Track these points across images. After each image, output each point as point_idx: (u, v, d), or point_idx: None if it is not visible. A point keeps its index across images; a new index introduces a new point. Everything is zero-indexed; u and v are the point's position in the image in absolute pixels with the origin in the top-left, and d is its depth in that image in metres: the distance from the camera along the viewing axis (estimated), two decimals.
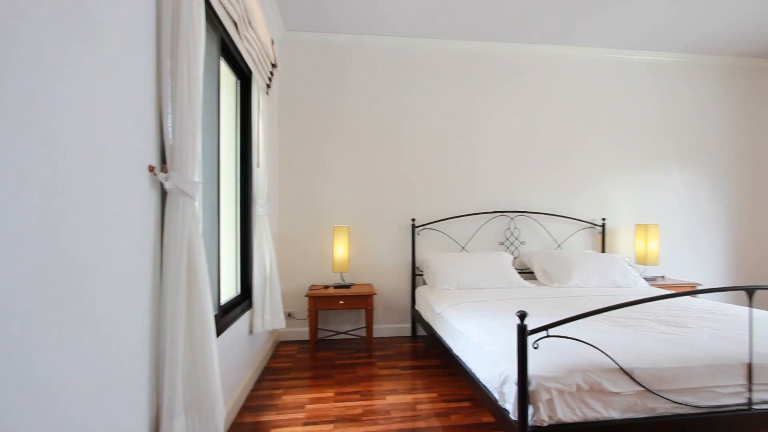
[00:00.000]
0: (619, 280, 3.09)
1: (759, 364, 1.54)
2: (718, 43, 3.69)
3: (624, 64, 3.89)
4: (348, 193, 3.52)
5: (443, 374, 2.67)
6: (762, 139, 4.14)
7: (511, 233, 3.64)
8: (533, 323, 1.47)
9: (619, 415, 1.45)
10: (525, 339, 1.37)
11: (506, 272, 3.11)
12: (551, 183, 3.76)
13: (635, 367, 1.45)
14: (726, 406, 1.52)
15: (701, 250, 4.01)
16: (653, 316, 2.05)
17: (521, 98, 3.73)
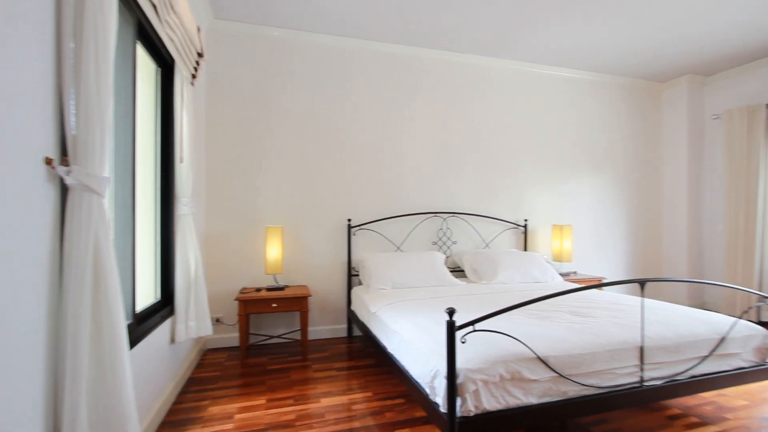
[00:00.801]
0: (538, 276, 3.37)
1: (649, 346, 1.77)
2: (619, 65, 4.17)
3: (543, 79, 4.24)
4: (282, 193, 3.42)
5: (378, 373, 2.69)
6: (653, 150, 4.77)
7: (444, 233, 3.79)
8: (462, 319, 1.55)
9: (537, 400, 1.58)
10: (453, 335, 1.44)
11: (439, 271, 3.23)
12: (480, 186, 3.98)
13: (550, 355, 1.59)
14: (623, 385, 1.73)
15: (606, 248, 4.51)
16: (566, 308, 2.26)
17: (453, 104, 3.90)
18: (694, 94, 4.57)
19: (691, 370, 1.86)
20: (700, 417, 2.09)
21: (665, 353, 1.80)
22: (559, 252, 3.89)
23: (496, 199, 4.03)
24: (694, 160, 4.57)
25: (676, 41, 3.63)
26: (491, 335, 1.63)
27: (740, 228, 4.07)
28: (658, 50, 3.83)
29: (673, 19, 3.24)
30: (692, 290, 4.52)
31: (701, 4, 3.01)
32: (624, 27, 3.36)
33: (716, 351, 1.91)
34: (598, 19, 3.22)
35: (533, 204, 4.18)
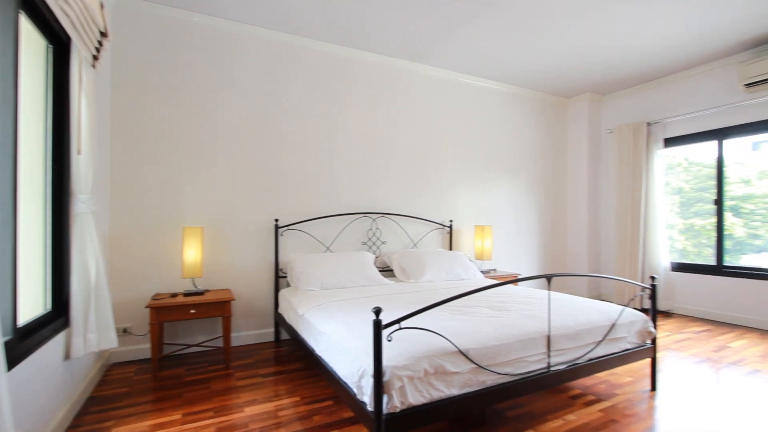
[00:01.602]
0: (462, 273, 3.56)
1: (554, 335, 1.96)
2: (531, 80, 4.58)
3: (464, 87, 4.50)
4: (202, 191, 3.19)
5: (307, 376, 2.64)
6: (559, 158, 5.31)
7: (374, 234, 3.84)
8: (390, 317, 1.58)
9: (458, 391, 1.66)
10: (380, 333, 1.45)
11: (368, 271, 3.25)
12: (409, 188, 4.09)
13: (470, 348, 1.69)
14: (533, 371, 1.89)
15: (521, 246, 4.92)
16: (485, 303, 2.42)
17: (383, 105, 3.96)
18: (593, 110, 5.18)
19: (588, 354, 2.10)
20: (596, 395, 2.37)
21: (568, 340, 2.01)
22: (481, 251, 4.15)
23: (423, 200, 4.17)
24: (592, 168, 5.17)
25: (577, 63, 4.08)
26: (417, 332, 1.68)
27: (628, 229, 4.70)
28: (563, 69, 4.27)
29: (573, 44, 3.63)
30: (591, 283, 5.12)
31: (597, 34, 3.42)
32: (531, 46, 3.69)
33: (608, 336, 2.18)
34: (505, 36, 3.49)
35: (458, 205, 4.41)
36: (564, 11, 3.10)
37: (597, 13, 3.12)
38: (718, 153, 4.23)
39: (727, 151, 4.20)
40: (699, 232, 4.51)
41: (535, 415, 2.11)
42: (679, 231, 4.71)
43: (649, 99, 4.72)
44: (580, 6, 3.02)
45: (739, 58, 3.92)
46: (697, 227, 4.54)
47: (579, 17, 3.19)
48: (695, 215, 4.56)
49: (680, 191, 4.71)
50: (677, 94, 4.45)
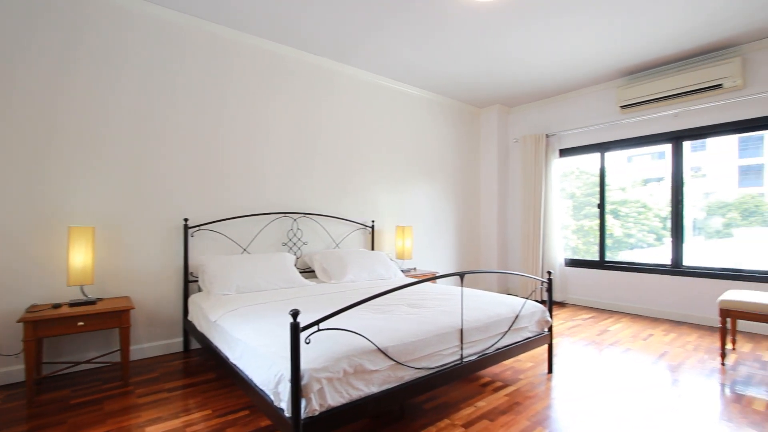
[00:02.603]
0: (383, 273, 3.63)
1: (467, 328, 2.09)
2: (448, 88, 4.85)
3: (388, 90, 4.61)
4: (95, 186, 2.80)
5: (221, 387, 2.47)
6: (473, 163, 5.70)
7: (294, 234, 3.73)
8: (310, 319, 1.55)
9: (378, 389, 1.69)
10: (298, 336, 1.42)
11: (289, 272, 3.16)
12: (331, 187, 4.06)
13: (389, 345, 1.73)
14: (448, 363, 2.00)
15: (439, 246, 5.18)
16: (404, 301, 2.49)
17: (306, 105, 3.88)
18: (502, 120, 5.65)
19: (496, 344, 2.28)
20: (503, 381, 2.58)
21: (478, 332, 2.16)
22: (402, 250, 4.27)
23: (346, 200, 4.17)
24: (502, 173, 5.64)
25: (489, 76, 4.42)
26: (336, 333, 1.67)
27: (530, 229, 5.20)
28: (477, 80, 4.59)
29: (486, 58, 3.93)
30: (500, 279, 5.57)
31: (506, 52, 3.74)
32: (448, 56, 3.91)
33: (513, 326, 2.39)
34: (422, 44, 3.67)
35: (380, 206, 4.49)
36: (478, 27, 3.33)
37: (506, 32, 3.41)
38: (600, 164, 4.89)
39: (608, 162, 4.88)
40: (587, 232, 5.17)
41: (450, 405, 2.23)
42: (572, 231, 5.36)
43: (548, 113, 5.28)
44: (492, 24, 3.28)
45: (617, 83, 4.58)
46: (586, 228, 5.20)
47: (491, 35, 3.45)
48: (584, 217, 5.22)
49: (573, 196, 5.36)
50: (570, 110, 5.05)
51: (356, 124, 4.28)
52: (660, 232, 4.61)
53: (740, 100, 3.75)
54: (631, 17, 3.20)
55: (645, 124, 4.41)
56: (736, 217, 4.71)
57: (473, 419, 2.07)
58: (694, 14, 3.17)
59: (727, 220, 4.80)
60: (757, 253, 3.78)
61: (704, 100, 3.95)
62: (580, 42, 3.63)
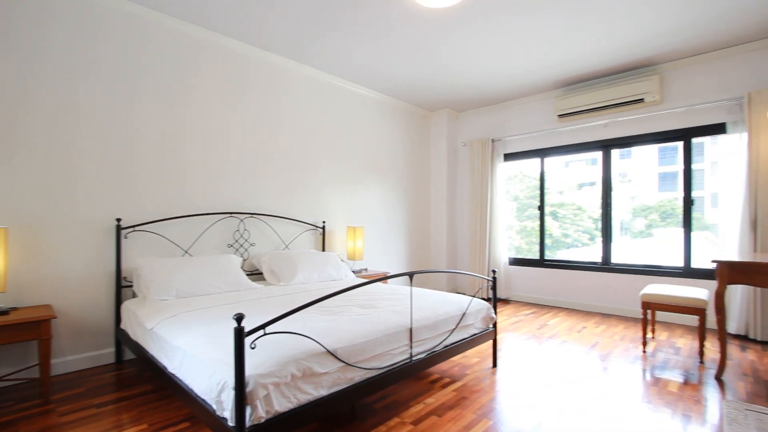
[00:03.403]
0: (334, 274, 3.59)
1: (416, 327, 2.13)
2: (400, 92, 4.92)
3: (340, 90, 4.58)
4: (7, 183, 2.51)
5: (158, 399, 2.31)
6: (424, 165, 5.82)
7: (241, 235, 3.59)
8: (256, 323, 1.49)
9: (327, 392, 1.67)
10: (242, 341, 1.36)
11: (234, 275, 3.03)
12: (281, 187, 3.95)
13: (338, 347, 1.71)
14: (397, 362, 2.02)
15: (391, 246, 5.23)
16: (355, 302, 2.49)
17: (255, 102, 3.75)
18: (452, 124, 5.83)
19: (444, 342, 2.34)
20: (451, 377, 2.66)
21: (427, 331, 2.21)
22: (353, 251, 4.26)
23: (296, 200, 4.09)
24: (451, 175, 5.82)
25: (440, 81, 4.54)
26: (283, 336, 1.63)
27: (477, 229, 5.41)
28: (427, 85, 4.70)
29: (437, 63, 4.03)
30: (449, 278, 5.73)
31: (456, 58, 3.86)
32: (400, 59, 3.97)
33: (460, 324, 2.46)
34: (373, 46, 3.70)
35: (331, 206, 4.44)
36: (427, 33, 3.40)
37: (454, 40, 3.52)
38: (540, 168, 5.21)
39: (548, 167, 5.21)
40: (530, 232, 5.48)
41: (400, 403, 2.25)
42: (516, 231, 5.66)
43: (494, 119, 5.53)
44: (440, 31, 3.37)
45: (555, 94, 4.90)
46: (528, 228, 5.51)
47: (439, 42, 3.54)
48: (527, 218, 5.53)
49: (517, 198, 5.66)
50: (514, 117, 5.33)
51: (308, 123, 4.21)
52: (593, 232, 4.99)
53: (658, 114, 4.16)
54: (566, 34, 3.43)
55: (579, 132, 4.76)
56: (657, 218, 5.22)
57: (422, 416, 2.11)
58: (620, 35, 3.47)
59: (649, 222, 5.31)
60: (673, 250, 4.22)
61: (629, 112, 4.34)
62: (521, 54, 3.84)
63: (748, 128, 3.49)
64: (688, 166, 4.08)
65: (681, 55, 3.91)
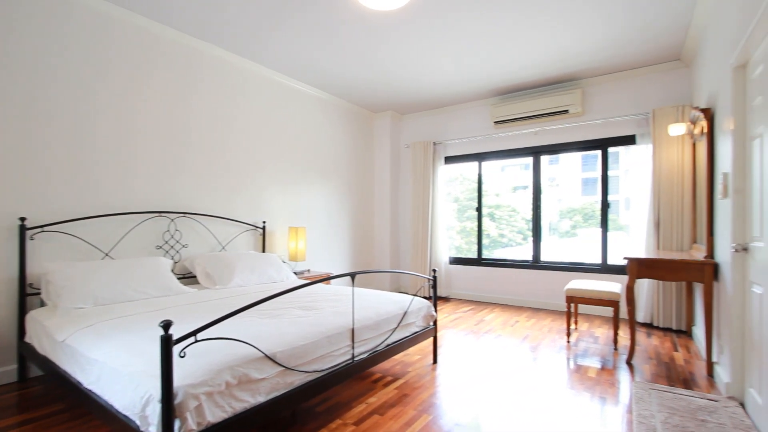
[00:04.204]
0: (274, 275, 3.48)
1: (358, 327, 2.12)
2: (345, 91, 4.90)
3: (285, 88, 4.45)
4: None
5: (71, 419, 2.07)
6: (367, 166, 5.85)
7: (172, 236, 3.34)
8: (188, 330, 1.39)
9: (265, 398, 1.60)
10: (170, 350, 1.26)
11: (163, 279, 2.80)
12: (218, 186, 3.74)
13: (277, 351, 1.65)
14: (339, 364, 2.00)
15: (334, 247, 5.18)
16: (296, 303, 2.42)
17: (191, 97, 3.51)
18: (395, 126, 5.92)
19: (386, 341, 2.36)
20: (392, 375, 2.69)
21: (369, 330, 2.21)
22: (295, 252, 4.16)
23: (234, 199, 3.89)
24: (394, 176, 5.90)
25: (384, 83, 4.59)
26: (218, 343, 1.54)
27: (419, 230, 5.55)
28: (372, 86, 4.72)
29: (382, 65, 4.07)
30: (392, 278, 5.81)
31: (399, 61, 3.93)
32: (346, 59, 3.95)
33: (402, 322, 2.50)
34: (320, 44, 3.66)
35: (272, 206, 4.30)
36: (372, 35, 3.42)
37: (399, 44, 3.57)
38: (478, 172, 5.46)
39: (485, 170, 5.48)
40: (469, 232, 5.72)
41: (342, 405, 2.23)
42: (457, 231, 5.88)
43: (435, 123, 5.71)
44: (385, 34, 3.40)
45: (491, 101, 5.17)
46: (468, 229, 5.75)
47: (384, 44, 3.58)
48: (467, 219, 5.77)
49: (457, 200, 5.88)
50: (454, 121, 5.54)
51: (249, 120, 4.03)
52: (526, 232, 5.34)
53: (581, 124, 4.56)
54: (500, 47, 3.64)
55: (513, 138, 5.07)
56: (580, 220, 5.71)
57: (364, 416, 2.11)
58: (546, 51, 3.75)
59: (574, 223, 5.80)
60: (593, 249, 4.64)
61: (556, 122, 4.71)
62: (460, 62, 4.00)
63: (653, 141, 3.94)
64: (605, 173, 4.51)
65: (599, 72, 4.32)
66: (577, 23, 3.28)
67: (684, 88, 3.99)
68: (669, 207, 3.85)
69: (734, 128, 2.23)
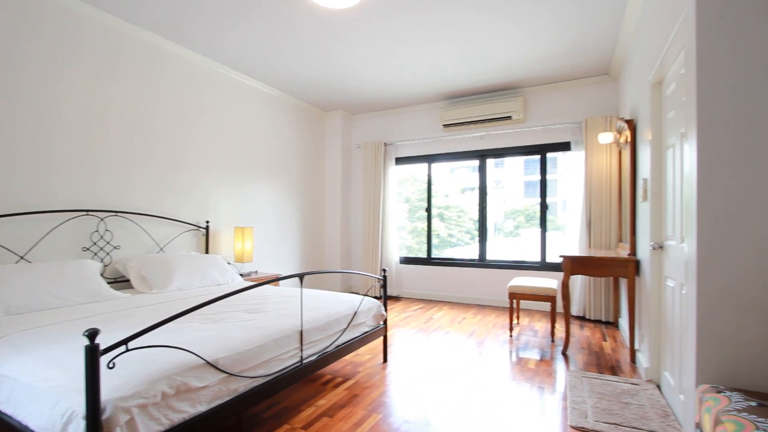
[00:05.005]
0: (219, 278, 3.31)
1: (306, 329, 2.08)
2: (295, 89, 4.79)
3: (233, 83, 4.26)
4: None
5: None
6: (318, 165, 5.77)
7: (101, 237, 3.06)
8: (119, 338, 1.28)
9: (207, 407, 1.52)
10: (96, 361, 1.16)
11: (91, 284, 2.56)
12: (155, 183, 3.49)
13: (220, 357, 1.57)
14: (287, 367, 1.95)
15: (283, 247, 5.04)
16: (242, 307, 2.33)
17: (125, 87, 3.24)
18: (346, 126, 5.89)
19: (336, 342, 2.34)
20: (343, 376, 2.67)
21: (318, 332, 2.18)
22: (241, 253, 3.99)
23: (174, 198, 3.66)
24: (345, 176, 5.87)
25: (335, 81, 4.55)
26: (154, 351, 1.44)
27: (370, 230, 5.57)
28: (323, 84, 4.66)
29: (333, 64, 4.03)
30: (343, 278, 5.77)
31: (352, 60, 3.91)
32: (297, 55, 3.87)
33: (352, 323, 2.49)
34: (270, 39, 3.56)
35: (216, 205, 4.09)
36: (326, 33, 3.38)
37: (352, 44, 3.56)
38: (428, 173, 5.59)
39: (435, 172, 5.62)
40: (420, 232, 5.84)
41: (290, 409, 2.18)
42: (408, 232, 5.97)
43: (387, 123, 5.76)
44: (338, 33, 3.37)
45: (440, 105, 5.32)
46: (419, 229, 5.86)
47: (337, 43, 3.55)
48: (418, 219, 5.88)
49: (408, 200, 5.98)
50: (405, 123, 5.62)
51: (191, 114, 3.80)
52: (473, 232, 5.54)
53: (523, 130, 4.83)
54: (447, 52, 3.75)
55: (461, 141, 5.25)
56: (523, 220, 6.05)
57: (313, 419, 2.08)
58: (491, 59, 3.93)
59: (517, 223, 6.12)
60: (534, 248, 4.93)
61: (501, 127, 4.94)
62: (411, 65, 4.07)
63: (585, 147, 4.27)
64: (544, 177, 4.81)
65: (538, 82, 4.59)
66: (513, 37, 3.48)
67: (612, 100, 4.36)
68: (599, 209, 4.20)
69: (652, 138, 2.47)
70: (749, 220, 1.46)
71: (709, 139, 1.52)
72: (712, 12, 1.52)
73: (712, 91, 1.52)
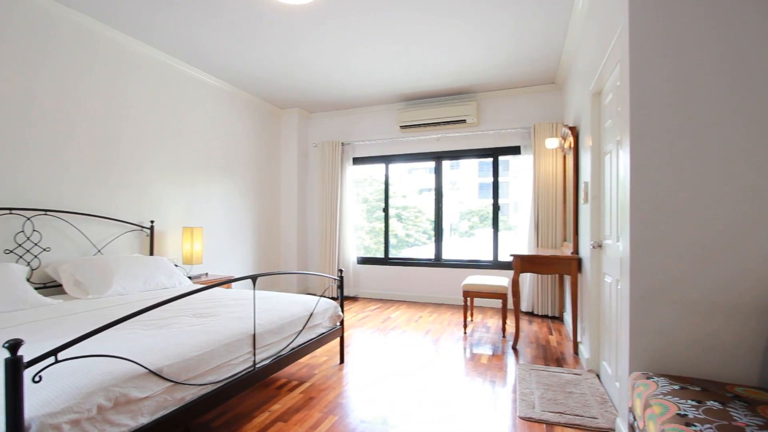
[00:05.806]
0: (164, 281, 3.12)
1: (259, 332, 2.02)
2: (250, 84, 4.64)
3: (180, 74, 4.03)
4: None
5: None
6: (274, 163, 5.62)
7: (28, 238, 2.78)
8: (48, 348, 1.17)
9: (150, 419, 1.43)
10: (19, 374, 1.05)
11: (15, 289, 2.32)
12: (92, 180, 3.23)
13: (164, 365, 1.48)
14: (239, 373, 1.88)
15: (236, 248, 4.86)
16: (189, 311, 2.21)
17: (52, 71, 2.96)
18: (302, 124, 5.79)
19: (291, 344, 2.29)
20: (299, 379, 2.61)
21: (272, 335, 2.12)
22: (190, 254, 3.79)
23: (114, 195, 3.40)
24: (302, 175, 5.76)
25: (292, 78, 4.45)
26: (89, 361, 1.33)
27: (327, 230, 5.51)
28: (279, 80, 4.55)
29: (289, 60, 3.95)
30: (300, 279, 5.66)
31: (309, 57, 3.85)
32: (251, 50, 3.75)
33: (307, 324, 2.45)
34: (222, 31, 3.42)
35: (162, 204, 3.86)
36: (285, 29, 3.29)
37: (312, 42, 3.50)
38: (385, 173, 5.63)
39: (393, 172, 5.66)
40: (378, 232, 5.85)
41: (242, 416, 2.10)
42: (366, 232, 5.97)
43: (344, 123, 5.72)
44: (297, 30, 3.30)
45: (398, 106, 5.37)
46: (377, 229, 5.87)
47: (296, 40, 3.47)
48: (376, 219, 5.89)
49: (366, 201, 5.98)
50: (362, 123, 5.62)
51: (133, 105, 3.55)
52: (430, 232, 5.64)
53: (476, 134, 4.99)
54: (406, 52, 3.80)
55: (418, 143, 5.33)
56: (477, 221, 6.25)
57: (267, 425, 2.02)
58: (446, 63, 4.03)
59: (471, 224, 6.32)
60: (487, 248, 5.11)
61: (456, 130, 5.08)
62: (369, 65, 4.08)
63: (534, 152, 4.50)
64: (496, 179, 5.01)
65: (491, 88, 4.78)
66: (466, 45, 3.60)
67: (558, 108, 4.63)
68: (546, 210, 4.43)
69: (592, 145, 2.65)
70: (678, 221, 1.61)
71: (641, 147, 1.65)
72: (645, 28, 1.65)
73: (644, 102, 1.65)
